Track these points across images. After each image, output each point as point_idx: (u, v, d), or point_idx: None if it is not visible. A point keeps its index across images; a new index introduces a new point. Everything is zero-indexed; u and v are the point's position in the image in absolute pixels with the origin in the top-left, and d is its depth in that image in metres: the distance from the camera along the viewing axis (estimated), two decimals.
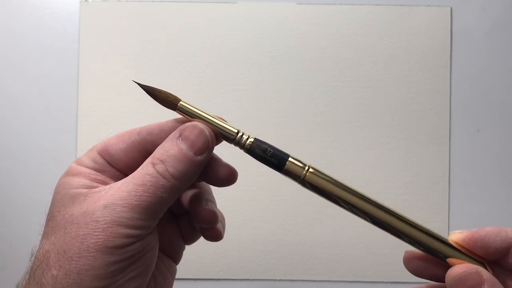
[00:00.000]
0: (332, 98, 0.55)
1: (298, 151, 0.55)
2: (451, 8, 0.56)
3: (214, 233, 0.31)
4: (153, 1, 0.55)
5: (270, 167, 0.28)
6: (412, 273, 0.28)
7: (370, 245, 0.54)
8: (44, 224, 0.27)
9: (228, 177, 0.29)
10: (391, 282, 0.54)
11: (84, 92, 0.55)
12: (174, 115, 0.28)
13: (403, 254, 0.29)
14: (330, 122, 0.55)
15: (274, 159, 0.27)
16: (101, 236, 0.24)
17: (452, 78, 0.55)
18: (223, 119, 0.28)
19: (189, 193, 0.31)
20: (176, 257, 0.32)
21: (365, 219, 0.27)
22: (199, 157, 0.26)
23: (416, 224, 0.27)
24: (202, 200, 0.31)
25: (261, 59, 0.55)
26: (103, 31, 0.55)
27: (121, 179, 0.27)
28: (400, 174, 0.55)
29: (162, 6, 0.55)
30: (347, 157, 0.55)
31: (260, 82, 0.55)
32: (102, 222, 0.24)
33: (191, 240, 0.33)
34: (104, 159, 0.28)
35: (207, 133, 0.27)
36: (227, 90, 0.55)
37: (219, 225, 0.31)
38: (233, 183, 0.30)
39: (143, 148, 0.28)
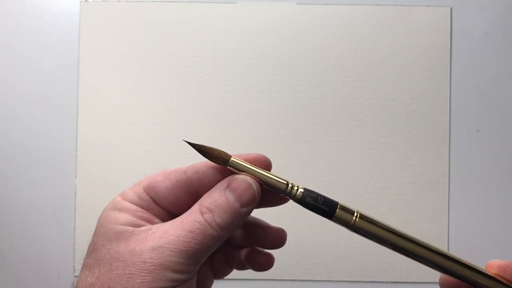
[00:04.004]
0: (332, 98, 0.55)
1: (298, 151, 0.56)
2: (451, 8, 0.56)
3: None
4: (153, 1, 0.55)
5: (320, 214, 0.28)
6: None
7: (370, 245, 0.54)
8: (86, 253, 0.27)
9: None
10: (391, 282, 0.54)
11: (84, 92, 0.55)
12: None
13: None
14: (330, 122, 0.55)
15: (325, 206, 0.28)
16: (147, 277, 0.24)
17: (452, 78, 0.55)
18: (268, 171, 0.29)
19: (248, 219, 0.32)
20: None
21: (414, 259, 0.28)
22: (244, 209, 0.27)
23: (456, 258, 0.28)
24: (262, 222, 0.32)
25: (261, 59, 0.55)
26: (103, 31, 0.55)
27: (164, 216, 0.28)
28: (400, 174, 0.55)
29: (162, 6, 0.55)
30: (347, 157, 0.55)
31: (260, 82, 0.55)
32: (150, 264, 0.25)
33: (221, 275, 0.34)
34: (149, 196, 0.29)
35: (254, 186, 0.28)
36: (227, 90, 0.55)
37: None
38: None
39: (189, 187, 0.29)
